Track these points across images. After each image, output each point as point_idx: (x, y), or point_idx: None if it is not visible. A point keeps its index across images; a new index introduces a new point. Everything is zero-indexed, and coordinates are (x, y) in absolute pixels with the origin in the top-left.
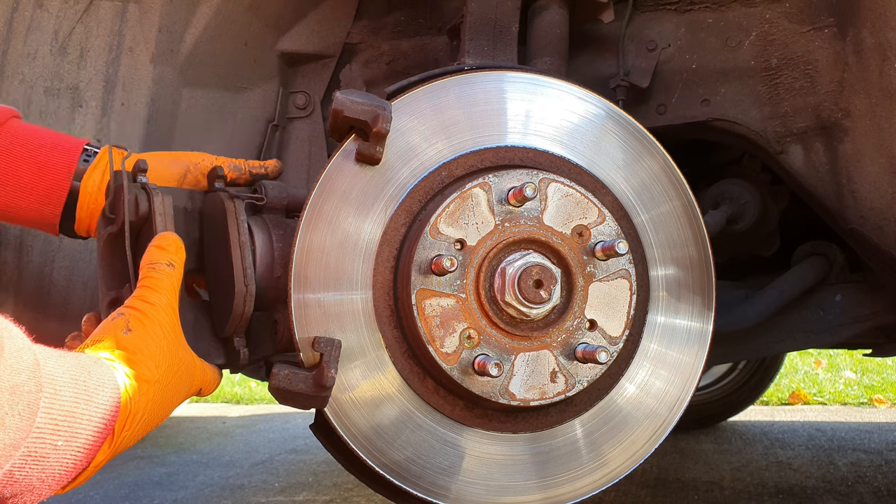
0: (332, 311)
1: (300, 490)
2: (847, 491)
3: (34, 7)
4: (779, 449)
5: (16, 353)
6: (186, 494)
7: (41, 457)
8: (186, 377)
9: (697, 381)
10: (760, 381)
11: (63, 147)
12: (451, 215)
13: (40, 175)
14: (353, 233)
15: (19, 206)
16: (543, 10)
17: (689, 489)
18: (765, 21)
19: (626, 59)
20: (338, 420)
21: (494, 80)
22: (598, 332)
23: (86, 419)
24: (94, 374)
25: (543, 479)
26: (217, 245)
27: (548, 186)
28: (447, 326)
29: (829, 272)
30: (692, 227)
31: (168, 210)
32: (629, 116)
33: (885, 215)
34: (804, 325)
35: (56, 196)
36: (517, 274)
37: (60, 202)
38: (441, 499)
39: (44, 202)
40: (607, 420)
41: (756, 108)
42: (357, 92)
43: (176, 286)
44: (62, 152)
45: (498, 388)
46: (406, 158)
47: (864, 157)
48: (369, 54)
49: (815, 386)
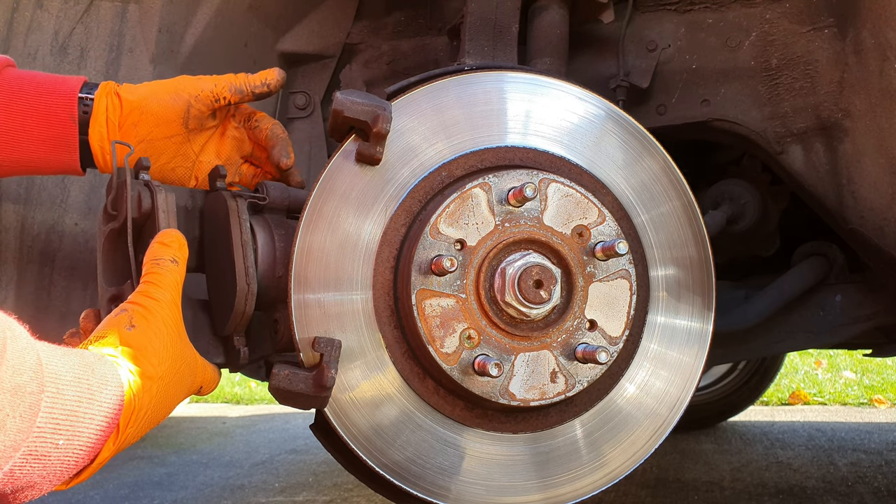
0: (332, 312)
1: (300, 490)
2: (847, 491)
3: (34, 7)
4: (779, 449)
5: (18, 353)
6: (186, 494)
7: (42, 455)
8: (188, 374)
9: (697, 381)
10: (760, 381)
11: (59, 92)
12: (452, 215)
13: (47, 124)
14: (354, 233)
15: (39, 158)
16: (543, 11)
17: (689, 489)
18: (765, 21)
19: (626, 59)
20: (338, 420)
21: (494, 80)
22: (598, 333)
23: (88, 418)
24: (97, 372)
25: (543, 479)
26: (218, 244)
27: (548, 187)
28: (447, 327)
29: (829, 272)
30: (692, 227)
31: (171, 207)
32: (629, 117)
33: (885, 215)
34: (804, 326)
35: (68, 143)
36: (517, 274)
37: (75, 148)
38: (441, 499)
39: (60, 150)
40: (607, 420)
41: (756, 108)
42: (357, 92)
43: (179, 282)
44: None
45: (498, 388)
46: (406, 159)
47: (864, 157)
48: (369, 54)
49: (815, 386)
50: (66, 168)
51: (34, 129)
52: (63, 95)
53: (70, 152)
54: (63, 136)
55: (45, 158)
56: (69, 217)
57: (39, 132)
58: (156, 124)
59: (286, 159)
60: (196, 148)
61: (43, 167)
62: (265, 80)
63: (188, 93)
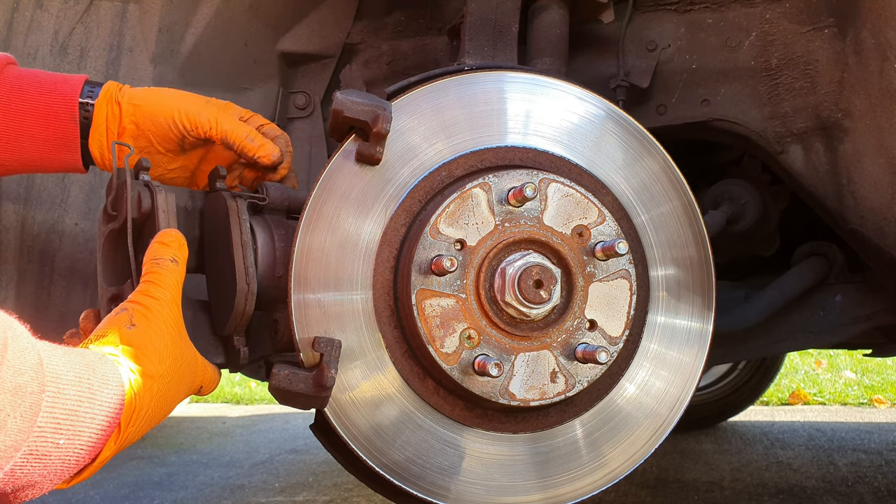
0: (332, 312)
1: (300, 490)
2: (847, 491)
3: (34, 7)
4: (779, 449)
5: (19, 353)
6: (186, 494)
7: (43, 455)
8: (189, 373)
9: (697, 381)
10: (760, 381)
11: (60, 92)
12: (452, 215)
13: (47, 124)
14: (353, 233)
15: (41, 157)
16: (543, 11)
17: (689, 489)
18: (765, 21)
19: (626, 59)
20: (338, 420)
21: (494, 80)
22: (598, 333)
23: (89, 417)
24: (98, 371)
25: (543, 479)
26: (218, 244)
27: (548, 186)
28: (447, 326)
29: (829, 272)
30: (692, 227)
31: (171, 207)
32: (629, 117)
33: (885, 215)
34: (804, 326)
35: (70, 143)
36: (517, 274)
37: (76, 148)
38: (441, 499)
39: (62, 150)
40: (607, 420)
41: (756, 108)
42: (357, 92)
43: (179, 282)
44: (60, 97)
45: (498, 388)
46: (406, 159)
47: (864, 157)
48: (369, 54)
49: (815, 386)
50: (69, 167)
51: (35, 128)
52: (64, 95)
53: (72, 152)
54: (65, 136)
55: (47, 157)
56: (69, 217)
57: (41, 132)
58: (152, 142)
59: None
60: (195, 159)
61: (45, 166)
62: (258, 155)
63: (184, 126)
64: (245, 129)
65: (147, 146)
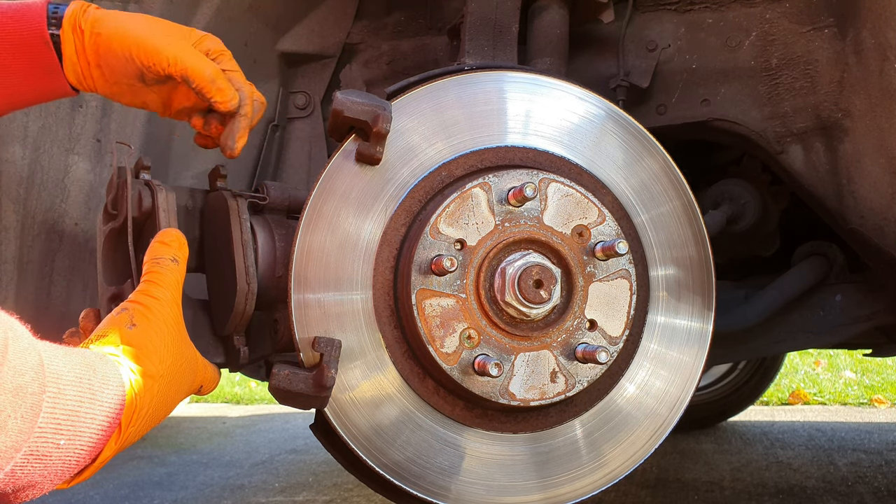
0: (332, 311)
1: (300, 490)
2: (847, 491)
3: None
4: (779, 449)
5: (20, 354)
6: (186, 494)
7: (43, 455)
8: (189, 373)
9: (697, 381)
10: (760, 381)
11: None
12: (451, 215)
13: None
14: (353, 233)
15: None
16: (543, 11)
17: (689, 489)
18: (765, 21)
19: (626, 59)
20: (338, 420)
21: (494, 80)
22: (598, 332)
23: (90, 417)
24: (98, 371)
25: (543, 479)
26: (218, 243)
27: (548, 186)
28: (447, 326)
29: (829, 272)
30: (692, 227)
31: (171, 206)
32: (629, 116)
33: (885, 215)
34: (804, 326)
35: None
36: (517, 274)
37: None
38: (441, 499)
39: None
40: (607, 420)
41: (756, 108)
42: (357, 92)
43: (180, 281)
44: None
45: (498, 388)
46: (406, 158)
47: (864, 157)
48: (369, 54)
49: (815, 386)
50: (56, 93)
51: (10, 61)
52: (31, 22)
53: (56, 76)
54: (43, 63)
55: (31, 89)
56: (69, 217)
57: (17, 64)
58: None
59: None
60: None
61: (32, 98)
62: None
63: (142, 62)
64: (209, 70)
65: (112, 77)
